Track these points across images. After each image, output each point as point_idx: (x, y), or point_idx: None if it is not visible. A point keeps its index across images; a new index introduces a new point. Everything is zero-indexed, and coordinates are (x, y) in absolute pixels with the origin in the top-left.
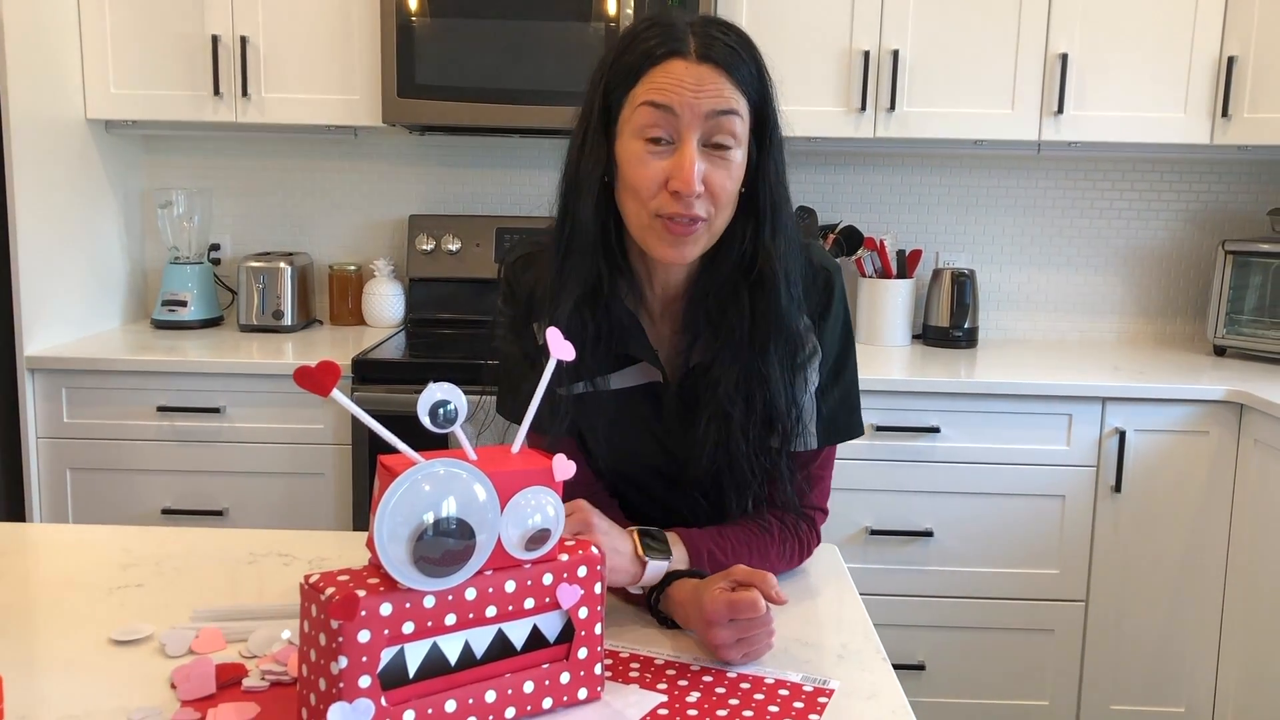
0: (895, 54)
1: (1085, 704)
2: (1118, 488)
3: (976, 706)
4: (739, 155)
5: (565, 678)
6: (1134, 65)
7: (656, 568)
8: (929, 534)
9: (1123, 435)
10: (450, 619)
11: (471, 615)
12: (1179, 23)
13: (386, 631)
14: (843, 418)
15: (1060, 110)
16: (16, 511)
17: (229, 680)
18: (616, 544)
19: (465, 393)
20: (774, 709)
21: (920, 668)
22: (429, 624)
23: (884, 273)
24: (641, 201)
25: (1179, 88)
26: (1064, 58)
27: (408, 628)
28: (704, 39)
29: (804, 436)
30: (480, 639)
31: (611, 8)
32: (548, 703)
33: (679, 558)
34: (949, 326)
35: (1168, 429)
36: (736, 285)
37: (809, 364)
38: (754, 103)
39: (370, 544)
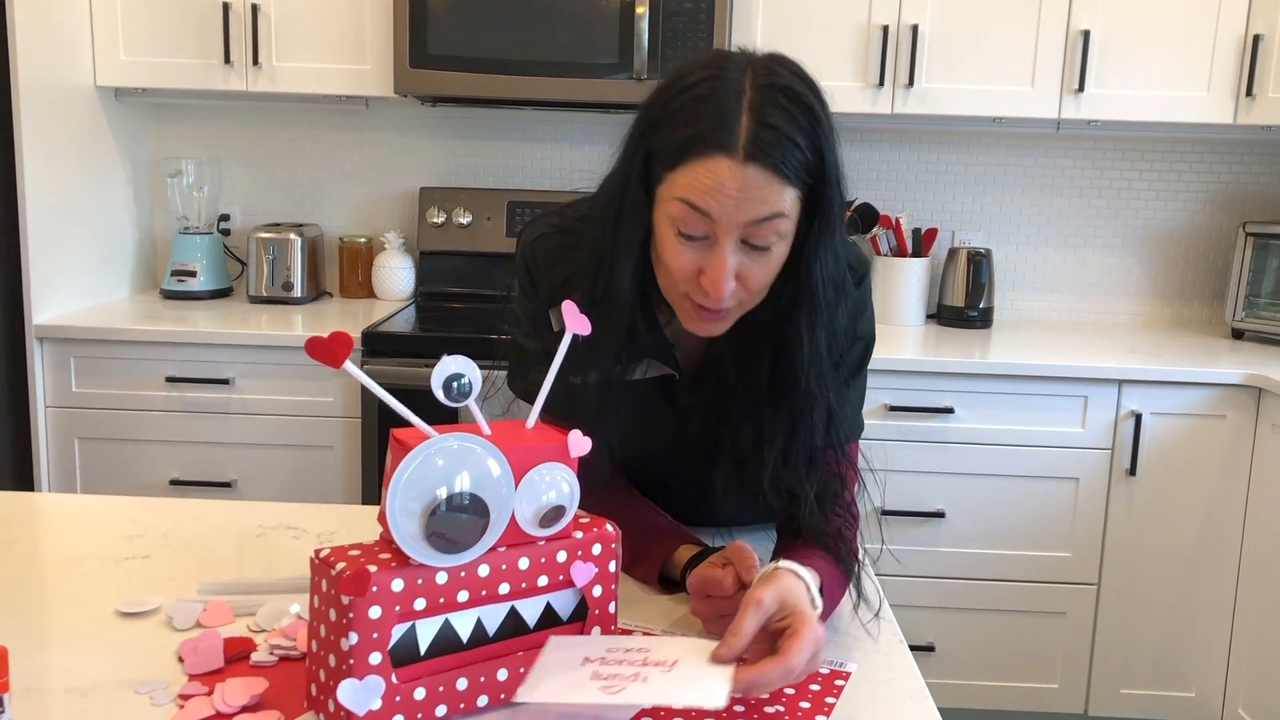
0: (914, 29)
1: (1095, 687)
2: (1133, 471)
3: (986, 688)
4: (781, 247)
5: None
6: (1157, 43)
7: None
8: (941, 515)
9: (1138, 418)
10: (463, 596)
11: (484, 592)
12: (1203, 0)
13: (398, 608)
14: (850, 416)
15: (1081, 88)
16: (25, 481)
17: (237, 654)
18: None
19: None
20: (790, 691)
21: (930, 649)
22: (441, 600)
23: (899, 251)
24: (673, 281)
25: (1202, 66)
26: (1086, 34)
27: (419, 604)
28: (757, 127)
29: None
30: (493, 616)
31: None
32: None
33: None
34: (964, 306)
35: (1184, 412)
36: (761, 341)
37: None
38: (806, 186)
39: (382, 518)
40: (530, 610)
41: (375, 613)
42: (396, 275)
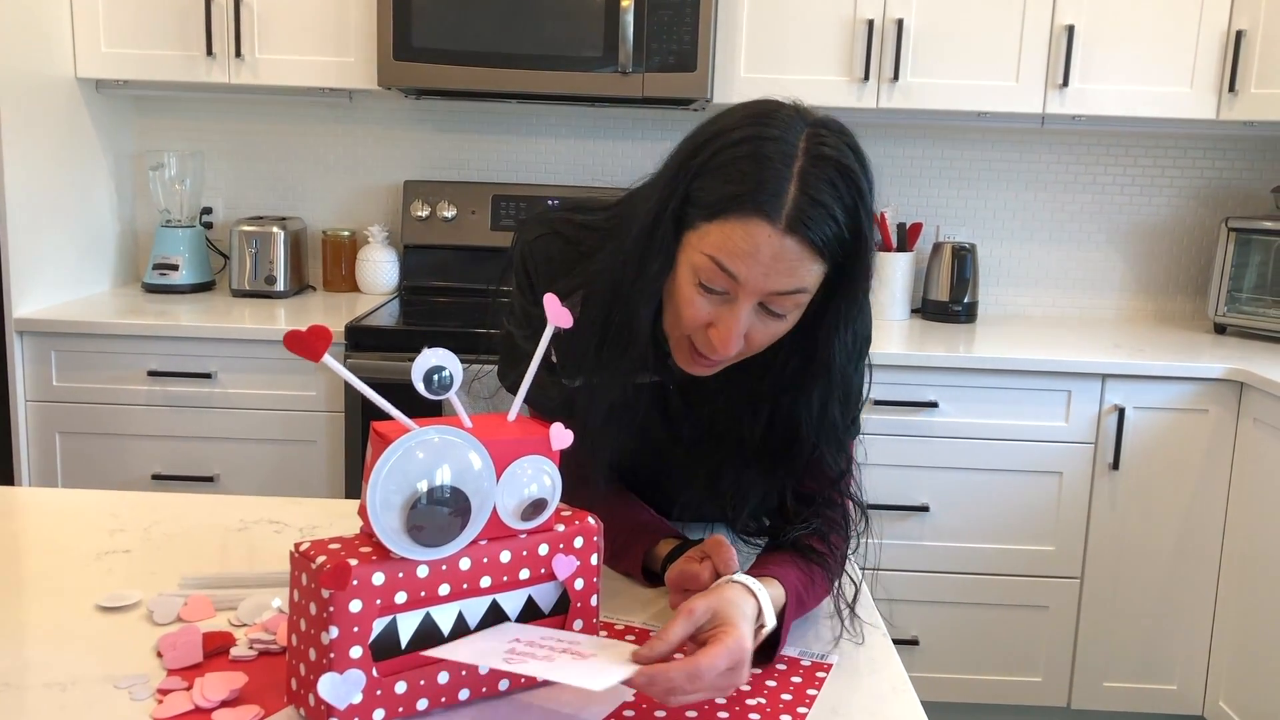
0: (899, 23)
1: (1078, 680)
2: (1116, 465)
3: (970, 682)
4: (795, 315)
5: None
6: (1141, 39)
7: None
8: (925, 509)
9: (1121, 412)
10: (444, 589)
11: (465, 585)
12: None
13: (379, 601)
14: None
15: (1065, 83)
16: (5, 475)
17: (216, 649)
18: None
19: (460, 361)
20: (772, 683)
21: (914, 643)
22: (422, 594)
23: (884, 246)
24: (678, 323)
25: (1186, 62)
26: (1070, 29)
27: (400, 598)
28: (803, 198)
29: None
30: (474, 610)
31: None
32: None
33: (778, 597)
34: (949, 301)
35: (1167, 407)
36: (760, 395)
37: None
38: (835, 262)
39: (363, 512)
40: (512, 603)
41: (356, 606)
42: (380, 269)
